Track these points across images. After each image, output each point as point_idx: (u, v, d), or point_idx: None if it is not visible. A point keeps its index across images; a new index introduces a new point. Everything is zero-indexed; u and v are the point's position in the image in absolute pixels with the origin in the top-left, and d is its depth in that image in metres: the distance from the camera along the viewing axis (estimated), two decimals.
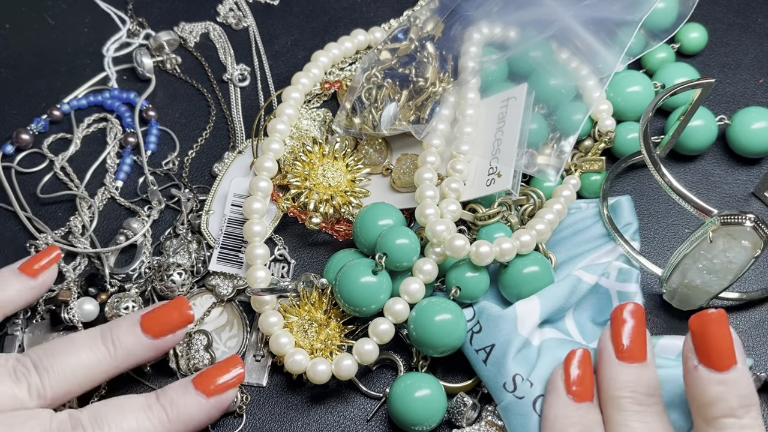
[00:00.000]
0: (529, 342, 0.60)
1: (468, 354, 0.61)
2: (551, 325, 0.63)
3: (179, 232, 0.69)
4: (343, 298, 0.61)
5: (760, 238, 0.56)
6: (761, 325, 0.65)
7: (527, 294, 0.62)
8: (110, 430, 0.56)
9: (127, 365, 0.60)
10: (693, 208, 0.58)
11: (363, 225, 0.64)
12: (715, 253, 0.58)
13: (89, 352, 0.59)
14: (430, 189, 0.64)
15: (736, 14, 0.79)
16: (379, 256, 0.61)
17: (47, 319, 0.67)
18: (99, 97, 0.77)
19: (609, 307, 0.63)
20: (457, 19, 0.73)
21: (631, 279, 0.62)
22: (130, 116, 0.76)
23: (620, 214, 0.66)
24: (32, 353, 0.59)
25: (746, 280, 0.66)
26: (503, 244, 0.61)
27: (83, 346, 0.59)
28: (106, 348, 0.59)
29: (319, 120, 0.74)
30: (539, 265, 0.62)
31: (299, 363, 0.61)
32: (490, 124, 0.68)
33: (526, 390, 0.58)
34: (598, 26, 0.70)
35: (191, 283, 0.67)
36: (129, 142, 0.74)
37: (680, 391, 0.57)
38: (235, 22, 0.82)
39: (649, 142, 0.62)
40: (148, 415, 0.57)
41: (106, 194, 0.73)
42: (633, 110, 0.71)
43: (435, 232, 0.61)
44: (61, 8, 0.84)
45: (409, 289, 0.61)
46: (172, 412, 0.58)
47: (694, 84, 0.65)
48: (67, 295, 0.66)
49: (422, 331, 0.60)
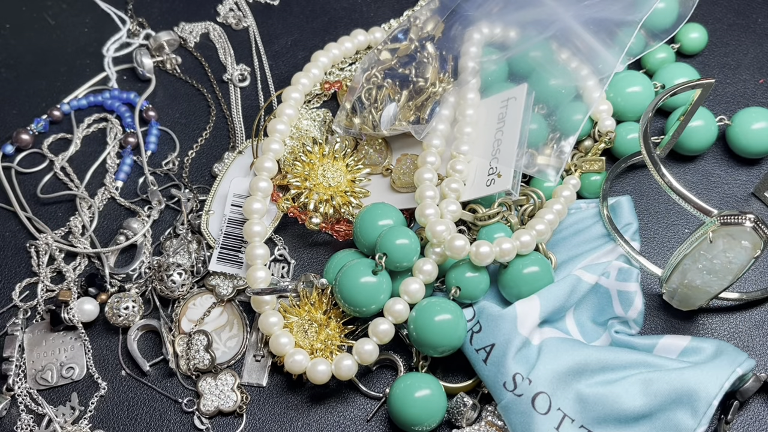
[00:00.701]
0: (529, 341, 0.60)
1: (468, 354, 0.61)
2: (551, 324, 0.63)
3: (179, 232, 0.69)
4: (343, 298, 0.61)
5: (760, 238, 0.56)
6: (762, 326, 0.65)
7: (527, 294, 0.62)
8: None
9: None
10: (693, 208, 0.58)
11: (363, 225, 0.64)
12: (715, 253, 0.58)
13: None
14: (430, 189, 0.64)
15: (736, 14, 0.79)
16: (379, 256, 0.61)
17: (47, 319, 0.67)
18: (99, 97, 0.77)
19: (609, 307, 0.63)
20: (457, 19, 0.73)
21: (631, 278, 0.62)
22: (130, 116, 0.76)
23: (620, 214, 0.66)
24: None
25: (746, 280, 0.66)
26: (503, 244, 0.61)
27: None
28: None
29: (319, 120, 0.73)
30: (539, 265, 0.62)
31: (299, 363, 0.61)
32: (490, 125, 0.68)
33: (525, 388, 0.58)
34: (598, 26, 0.70)
35: (191, 283, 0.67)
36: (129, 142, 0.74)
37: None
38: (235, 22, 0.82)
39: (649, 142, 0.62)
40: None
41: (106, 194, 0.73)
42: (633, 110, 0.71)
43: (435, 232, 0.61)
44: (61, 8, 0.84)
45: (409, 289, 0.61)
46: None
47: (694, 84, 0.65)
48: (67, 295, 0.66)
49: (422, 331, 0.60)
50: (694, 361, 0.59)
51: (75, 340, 0.66)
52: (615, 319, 0.63)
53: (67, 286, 0.67)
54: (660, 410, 0.58)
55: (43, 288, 0.68)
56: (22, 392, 0.64)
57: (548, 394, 0.58)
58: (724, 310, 0.65)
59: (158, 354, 0.66)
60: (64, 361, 0.66)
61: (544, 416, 0.58)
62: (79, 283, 0.68)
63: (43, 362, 0.66)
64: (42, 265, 0.69)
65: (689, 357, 0.60)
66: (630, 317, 0.62)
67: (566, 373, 0.59)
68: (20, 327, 0.66)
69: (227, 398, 0.63)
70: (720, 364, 0.58)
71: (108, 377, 0.65)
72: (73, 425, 0.63)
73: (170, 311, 0.67)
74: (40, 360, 0.66)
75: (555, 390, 0.58)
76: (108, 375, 0.66)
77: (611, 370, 0.59)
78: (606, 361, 0.59)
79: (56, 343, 0.66)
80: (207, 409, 0.63)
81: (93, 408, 0.64)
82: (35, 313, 0.67)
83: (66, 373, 0.65)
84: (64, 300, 0.66)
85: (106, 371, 0.66)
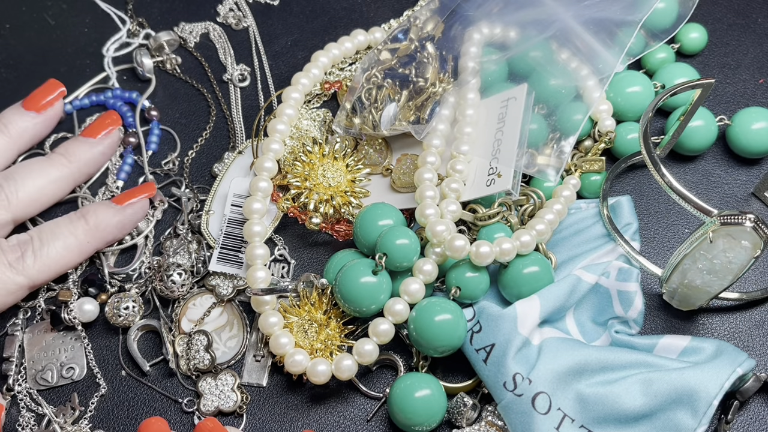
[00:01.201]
0: (529, 341, 0.60)
1: (468, 354, 0.61)
2: (551, 324, 0.63)
3: (179, 232, 0.69)
4: (343, 298, 0.61)
5: (760, 238, 0.56)
6: (762, 326, 0.65)
7: (527, 294, 0.62)
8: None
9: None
10: (693, 208, 0.58)
11: (363, 225, 0.64)
12: (715, 253, 0.58)
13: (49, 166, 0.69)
14: (430, 189, 0.64)
15: (736, 14, 0.79)
16: (379, 256, 0.61)
17: (47, 320, 0.67)
18: (101, 96, 0.77)
19: (609, 307, 0.63)
20: (457, 20, 0.73)
21: (631, 278, 0.62)
22: (132, 116, 0.76)
23: (620, 214, 0.66)
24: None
25: (746, 281, 0.66)
26: (503, 244, 0.61)
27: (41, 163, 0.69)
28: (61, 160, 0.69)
29: (319, 120, 0.73)
30: (539, 265, 0.62)
31: (299, 363, 0.61)
32: (490, 125, 0.68)
33: (525, 388, 0.58)
34: (598, 27, 0.70)
35: (191, 283, 0.67)
36: (129, 142, 0.74)
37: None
38: (235, 22, 0.82)
39: (649, 142, 0.62)
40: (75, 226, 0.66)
41: (107, 194, 0.72)
42: (633, 110, 0.71)
43: (435, 232, 0.61)
44: (61, 8, 0.84)
45: (409, 290, 0.61)
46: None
47: (694, 84, 0.65)
48: (67, 295, 0.66)
49: (422, 331, 0.60)
50: (694, 361, 0.59)
51: (75, 341, 0.66)
52: (615, 319, 0.63)
53: (66, 286, 0.67)
54: (660, 410, 0.58)
55: (44, 288, 0.68)
56: (23, 392, 0.65)
57: (548, 394, 0.58)
58: (724, 310, 0.65)
59: (158, 354, 0.66)
60: (65, 362, 0.66)
61: (544, 416, 0.58)
62: (79, 283, 0.68)
63: (44, 362, 0.66)
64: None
65: (689, 357, 0.60)
66: (630, 317, 0.62)
67: (566, 373, 0.59)
68: (20, 327, 0.66)
69: (227, 398, 0.63)
70: (720, 364, 0.58)
71: (108, 377, 0.65)
72: (73, 425, 0.63)
73: (170, 311, 0.67)
74: (40, 360, 0.66)
75: (555, 390, 0.58)
76: (108, 375, 0.66)
77: (611, 370, 0.59)
78: (606, 361, 0.59)
79: (56, 343, 0.66)
80: (207, 409, 0.63)
81: (93, 408, 0.64)
82: (35, 314, 0.67)
83: (66, 374, 0.65)
84: (64, 300, 0.66)
85: (106, 371, 0.66)
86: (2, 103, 0.78)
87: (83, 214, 0.67)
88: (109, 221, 0.67)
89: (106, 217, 0.67)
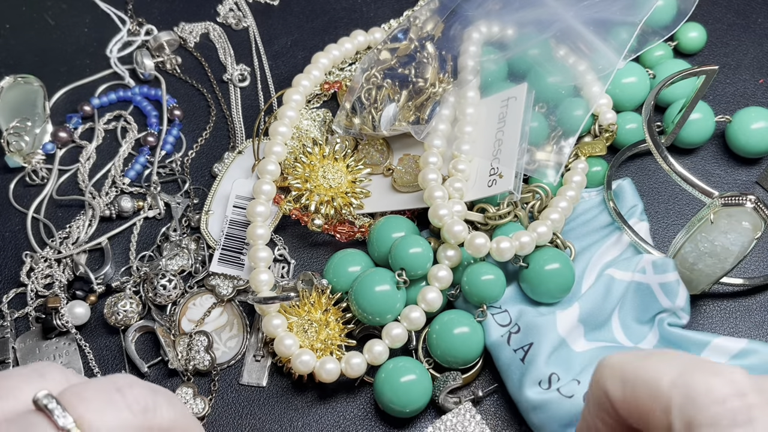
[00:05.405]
0: (566, 342, 0.60)
1: (502, 357, 0.61)
2: (598, 332, 0.62)
3: (172, 240, 0.69)
4: (361, 308, 0.61)
5: (761, 219, 0.56)
6: (762, 326, 0.65)
7: (553, 291, 0.62)
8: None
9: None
10: (695, 190, 0.59)
11: (377, 239, 0.64)
12: (715, 234, 0.58)
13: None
14: (438, 189, 0.64)
15: (736, 14, 0.79)
16: (398, 273, 0.62)
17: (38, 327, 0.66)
18: (129, 92, 0.77)
19: (654, 302, 0.62)
20: (457, 19, 0.73)
21: (668, 269, 0.61)
22: (156, 115, 0.76)
23: (624, 197, 0.67)
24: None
25: (750, 266, 0.66)
26: (522, 237, 0.62)
27: None
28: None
29: (319, 120, 0.73)
30: (559, 261, 0.62)
31: (307, 363, 0.61)
32: (491, 124, 0.68)
33: (575, 389, 0.58)
34: (597, 27, 0.70)
35: (182, 288, 0.67)
36: (148, 141, 0.74)
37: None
38: (235, 22, 0.82)
39: (652, 128, 0.63)
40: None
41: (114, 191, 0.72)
42: (630, 101, 0.72)
43: (453, 233, 0.62)
44: (61, 8, 0.84)
45: (426, 298, 0.62)
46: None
47: (697, 71, 0.65)
48: (56, 302, 0.65)
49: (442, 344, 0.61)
50: (747, 364, 0.59)
51: (69, 345, 0.66)
52: (664, 312, 0.62)
53: (53, 292, 0.67)
54: None
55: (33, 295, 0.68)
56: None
57: None
58: (727, 296, 0.65)
59: (156, 355, 0.66)
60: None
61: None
62: (65, 288, 0.67)
63: None
64: (33, 272, 0.69)
65: (742, 360, 0.59)
66: (678, 306, 0.61)
67: None
68: (9, 329, 0.66)
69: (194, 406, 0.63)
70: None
71: None
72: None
73: (168, 313, 0.67)
74: None
75: None
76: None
77: None
78: None
79: (50, 350, 0.66)
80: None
81: None
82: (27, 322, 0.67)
83: None
84: (54, 306, 0.65)
85: (104, 373, 0.65)
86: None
87: None
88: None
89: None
